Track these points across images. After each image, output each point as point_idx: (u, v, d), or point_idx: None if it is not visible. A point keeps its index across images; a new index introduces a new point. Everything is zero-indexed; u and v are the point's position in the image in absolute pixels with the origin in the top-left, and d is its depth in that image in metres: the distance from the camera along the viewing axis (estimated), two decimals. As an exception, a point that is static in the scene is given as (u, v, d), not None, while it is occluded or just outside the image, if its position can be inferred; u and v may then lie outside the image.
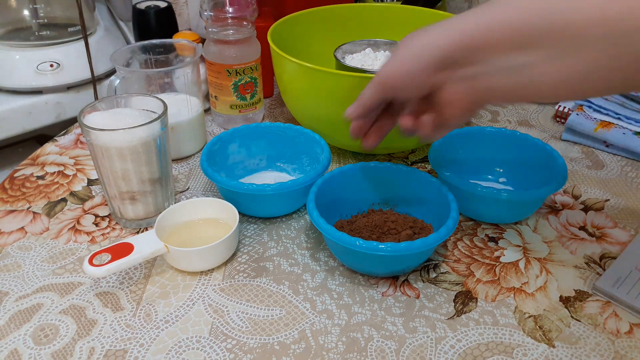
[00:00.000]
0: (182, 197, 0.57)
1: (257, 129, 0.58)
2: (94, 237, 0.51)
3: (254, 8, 0.64)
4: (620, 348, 0.40)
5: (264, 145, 0.59)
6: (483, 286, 0.45)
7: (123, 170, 0.48)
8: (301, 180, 0.50)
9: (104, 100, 0.51)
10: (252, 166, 0.59)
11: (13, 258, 0.48)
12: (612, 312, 0.43)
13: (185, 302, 0.44)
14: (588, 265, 0.47)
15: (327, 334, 0.41)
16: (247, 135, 0.58)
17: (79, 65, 0.92)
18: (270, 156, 0.60)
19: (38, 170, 0.61)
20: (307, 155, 0.58)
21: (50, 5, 0.99)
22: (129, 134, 0.46)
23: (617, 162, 0.62)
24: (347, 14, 0.73)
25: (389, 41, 0.68)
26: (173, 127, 0.60)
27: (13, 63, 0.91)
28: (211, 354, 0.39)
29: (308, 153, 0.57)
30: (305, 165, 0.58)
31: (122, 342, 0.40)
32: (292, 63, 0.55)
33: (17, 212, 0.55)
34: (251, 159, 0.59)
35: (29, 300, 0.44)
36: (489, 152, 0.57)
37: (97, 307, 0.43)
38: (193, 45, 0.62)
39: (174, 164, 0.62)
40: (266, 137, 0.58)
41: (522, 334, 0.41)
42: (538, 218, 0.53)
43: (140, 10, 0.74)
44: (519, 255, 0.48)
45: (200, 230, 0.49)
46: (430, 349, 0.40)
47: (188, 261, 0.46)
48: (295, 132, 0.58)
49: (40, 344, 0.40)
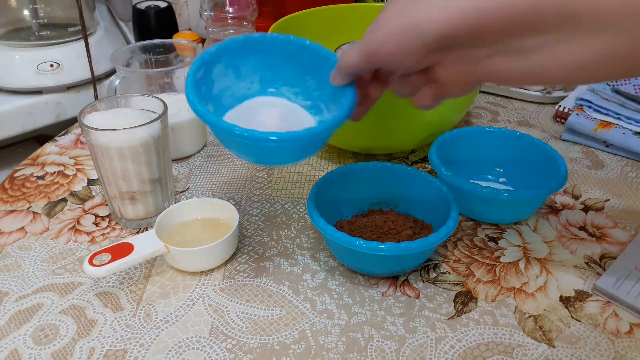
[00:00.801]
0: (182, 197, 0.57)
1: (246, 43, 0.45)
2: (94, 237, 0.51)
3: (254, 8, 0.64)
4: (620, 348, 0.40)
5: (256, 63, 0.46)
6: (483, 286, 0.45)
7: (123, 170, 0.48)
8: (324, 126, 0.39)
9: (104, 100, 0.51)
10: (241, 91, 0.47)
11: (13, 258, 0.48)
12: (612, 312, 0.43)
13: (185, 302, 0.44)
14: (588, 265, 0.47)
15: (327, 334, 0.41)
16: (234, 53, 0.45)
17: (79, 65, 0.93)
18: (264, 78, 0.47)
19: (38, 170, 0.61)
20: (313, 77, 0.46)
21: (50, 5, 0.99)
22: (129, 134, 0.46)
23: (617, 162, 0.62)
24: (347, 14, 0.73)
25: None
26: (173, 127, 0.60)
27: (13, 63, 0.91)
28: (211, 354, 0.39)
29: (315, 73, 0.45)
30: (312, 90, 0.46)
31: (122, 342, 0.40)
32: (292, 63, 0.55)
33: (17, 212, 0.55)
34: (240, 82, 0.46)
35: (29, 300, 0.44)
36: (489, 152, 0.57)
37: (97, 307, 0.43)
38: (193, 45, 0.62)
39: (174, 164, 0.62)
40: (258, 53, 0.46)
41: (522, 334, 0.41)
42: (538, 218, 0.53)
43: (140, 10, 0.74)
44: (519, 255, 0.48)
45: (200, 230, 0.49)
46: (430, 349, 0.40)
47: (188, 261, 0.46)
48: (296, 47, 0.45)
49: (40, 344, 0.40)
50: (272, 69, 0.47)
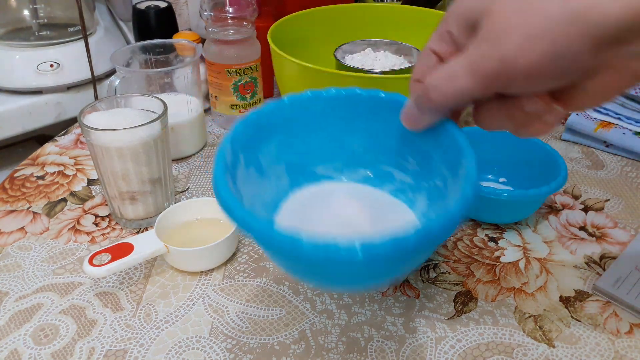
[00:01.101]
0: (182, 197, 0.57)
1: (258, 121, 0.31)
2: (94, 237, 0.51)
3: (254, 8, 0.64)
4: (620, 348, 0.40)
5: (277, 146, 0.32)
6: (483, 286, 0.45)
7: (123, 170, 0.48)
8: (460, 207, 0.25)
9: (104, 100, 0.51)
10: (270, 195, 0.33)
11: (13, 258, 0.48)
12: (612, 312, 0.43)
13: (185, 302, 0.44)
14: (588, 265, 0.47)
15: (327, 334, 0.41)
16: (248, 142, 0.31)
17: (79, 65, 0.93)
18: (292, 164, 0.33)
19: (38, 170, 0.61)
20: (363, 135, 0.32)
21: (50, 5, 0.99)
22: (129, 134, 0.46)
23: (617, 162, 0.62)
24: (347, 14, 0.73)
25: (389, 41, 0.68)
26: (173, 127, 0.60)
27: (13, 63, 0.91)
28: (211, 354, 0.39)
29: (365, 130, 0.32)
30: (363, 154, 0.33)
31: (122, 342, 0.40)
32: (292, 63, 0.55)
33: (17, 212, 0.55)
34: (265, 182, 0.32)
35: (29, 300, 0.44)
36: (489, 152, 0.57)
37: (97, 307, 0.43)
38: (193, 45, 0.62)
39: (174, 164, 0.62)
40: (274, 132, 0.32)
41: (522, 334, 0.41)
42: (538, 218, 0.53)
43: (140, 10, 0.74)
44: (519, 255, 0.48)
45: (200, 230, 0.49)
46: (430, 349, 0.40)
47: (188, 261, 0.46)
48: (330, 102, 0.32)
49: (40, 344, 0.40)
50: (297, 145, 0.33)
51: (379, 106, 0.31)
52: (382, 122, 0.31)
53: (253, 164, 0.31)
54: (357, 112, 0.32)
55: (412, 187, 0.32)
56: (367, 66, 0.62)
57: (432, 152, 0.30)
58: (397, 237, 0.22)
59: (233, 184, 0.28)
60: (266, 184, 0.32)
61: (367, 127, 0.32)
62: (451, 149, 0.28)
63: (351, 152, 0.33)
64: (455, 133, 0.28)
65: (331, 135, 0.33)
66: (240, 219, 0.25)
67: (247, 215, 0.25)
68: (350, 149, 0.33)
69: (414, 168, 0.32)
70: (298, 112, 0.32)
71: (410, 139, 0.30)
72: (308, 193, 0.33)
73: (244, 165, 0.30)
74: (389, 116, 0.30)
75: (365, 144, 0.33)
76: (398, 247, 0.22)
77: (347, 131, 0.32)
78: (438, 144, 0.29)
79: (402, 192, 0.32)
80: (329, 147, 0.33)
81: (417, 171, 0.32)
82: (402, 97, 0.30)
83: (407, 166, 0.32)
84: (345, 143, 0.33)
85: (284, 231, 0.23)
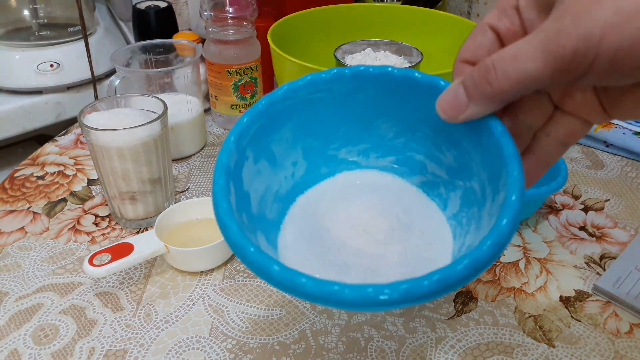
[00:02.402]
0: (182, 197, 0.57)
1: (270, 110, 0.28)
2: (94, 237, 0.51)
3: (254, 8, 0.64)
4: (620, 348, 0.40)
5: (292, 131, 0.29)
6: (483, 286, 0.45)
7: (123, 170, 0.48)
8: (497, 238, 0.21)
9: (104, 100, 0.51)
10: (285, 187, 0.30)
11: (13, 258, 0.48)
12: (612, 312, 0.43)
13: (185, 302, 0.44)
14: (588, 265, 0.47)
15: (327, 334, 0.41)
16: (259, 133, 0.28)
17: (79, 65, 0.93)
18: (310, 149, 0.30)
19: (38, 170, 0.61)
20: (389, 119, 0.29)
21: (50, 5, 0.99)
22: (129, 134, 0.46)
23: (617, 162, 0.62)
24: (347, 14, 0.73)
25: (389, 41, 0.68)
26: (173, 127, 0.60)
27: (13, 63, 0.91)
28: (211, 354, 0.39)
29: (392, 114, 0.29)
30: (391, 140, 0.30)
31: (122, 342, 0.40)
32: (292, 63, 0.55)
33: (17, 212, 0.55)
34: (279, 172, 0.30)
35: (29, 300, 0.44)
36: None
37: (97, 307, 0.43)
38: (193, 45, 0.62)
39: (174, 164, 0.62)
40: (292, 114, 0.29)
41: (522, 334, 0.41)
42: (538, 218, 0.53)
43: (140, 10, 0.74)
44: (519, 255, 0.48)
45: (200, 230, 0.49)
46: (430, 349, 0.40)
47: (188, 261, 0.46)
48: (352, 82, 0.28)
49: (40, 344, 0.40)
50: (316, 127, 0.29)
51: (413, 88, 0.27)
52: (416, 107, 0.27)
53: (264, 156, 0.28)
54: (387, 93, 0.28)
55: (446, 183, 0.28)
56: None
57: (471, 150, 0.26)
58: (411, 288, 0.20)
59: (240, 187, 0.26)
60: (280, 174, 0.29)
61: (399, 110, 0.28)
62: (492, 153, 0.24)
63: (379, 135, 0.29)
64: (501, 134, 0.24)
65: (356, 117, 0.29)
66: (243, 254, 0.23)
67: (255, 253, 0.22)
68: (378, 133, 0.29)
69: (449, 162, 0.28)
70: (318, 94, 0.28)
71: (448, 130, 0.26)
72: (326, 186, 0.30)
73: (252, 161, 0.28)
74: (424, 101, 0.26)
75: (395, 128, 0.29)
76: (413, 295, 0.20)
77: (376, 113, 0.29)
78: (478, 143, 0.25)
79: (434, 186, 0.29)
80: (354, 130, 0.29)
81: (453, 166, 0.28)
82: (441, 80, 0.26)
83: (442, 159, 0.28)
84: (372, 126, 0.29)
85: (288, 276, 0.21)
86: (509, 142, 0.23)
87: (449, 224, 0.28)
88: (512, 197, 0.22)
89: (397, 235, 0.28)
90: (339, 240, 0.28)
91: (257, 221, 0.27)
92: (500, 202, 0.23)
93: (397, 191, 0.30)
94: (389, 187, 0.30)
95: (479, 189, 0.26)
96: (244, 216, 0.26)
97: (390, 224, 0.28)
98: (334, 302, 0.20)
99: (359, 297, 0.20)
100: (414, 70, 0.27)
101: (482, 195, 0.26)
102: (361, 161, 0.31)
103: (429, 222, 0.28)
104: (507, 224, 0.21)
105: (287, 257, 0.27)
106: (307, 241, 0.27)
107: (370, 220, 0.28)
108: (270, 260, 0.22)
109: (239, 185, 0.26)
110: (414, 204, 0.29)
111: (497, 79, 0.22)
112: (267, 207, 0.29)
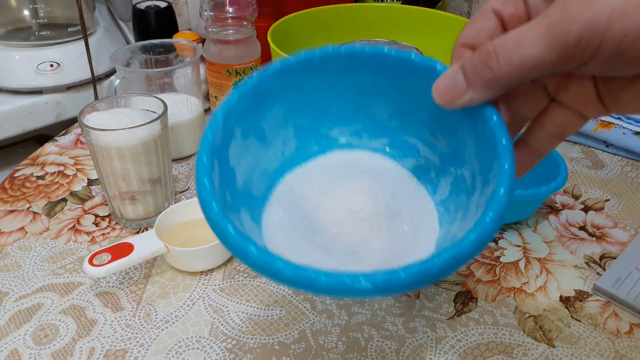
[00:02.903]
0: (182, 197, 0.57)
1: (260, 87, 0.27)
2: (94, 237, 0.51)
3: (254, 8, 0.64)
4: (620, 348, 0.40)
5: (284, 108, 0.29)
6: (483, 286, 0.45)
7: (123, 170, 0.48)
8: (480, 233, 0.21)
9: (104, 100, 0.51)
10: (273, 164, 0.30)
11: (13, 258, 0.48)
12: (612, 312, 0.43)
13: (185, 302, 0.44)
14: (588, 265, 0.47)
15: (327, 334, 0.41)
16: (248, 109, 0.27)
17: (79, 65, 0.92)
18: (301, 127, 0.30)
19: (38, 170, 0.61)
20: (382, 98, 0.29)
21: (50, 5, 0.99)
22: (129, 134, 0.46)
23: (617, 162, 0.62)
24: (347, 14, 0.73)
25: (389, 41, 0.68)
26: (173, 127, 0.60)
27: (13, 63, 0.91)
28: (211, 354, 0.39)
29: (387, 93, 0.28)
30: (386, 120, 0.29)
31: (122, 342, 0.40)
32: (292, 63, 0.55)
33: (17, 212, 0.55)
34: (269, 149, 0.29)
35: (29, 300, 0.44)
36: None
37: (97, 307, 0.43)
38: (193, 45, 0.62)
39: (174, 164, 0.62)
40: (285, 91, 0.28)
41: (522, 334, 0.41)
42: (538, 218, 0.53)
43: (140, 10, 0.74)
44: (519, 255, 0.48)
45: (200, 230, 0.49)
46: (430, 349, 0.40)
47: (188, 261, 0.46)
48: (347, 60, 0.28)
49: (40, 344, 0.40)
50: (309, 106, 0.29)
51: (409, 70, 0.26)
52: (412, 89, 0.26)
53: (253, 133, 0.28)
54: (383, 74, 0.27)
55: (437, 168, 0.28)
56: (367, 66, 0.62)
57: (465, 137, 0.26)
58: (388, 279, 0.20)
59: (224, 168, 0.26)
60: (269, 151, 0.29)
61: (394, 92, 0.28)
62: (486, 143, 0.23)
63: (373, 116, 0.29)
64: (496, 125, 0.23)
65: (350, 97, 0.28)
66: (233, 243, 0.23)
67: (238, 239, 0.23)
68: (371, 113, 0.29)
69: (442, 148, 0.27)
70: (311, 73, 0.27)
71: (444, 115, 0.26)
72: (316, 165, 0.30)
73: (241, 138, 0.27)
74: (420, 83, 0.25)
75: (390, 110, 0.28)
76: (389, 285, 0.20)
77: (371, 94, 0.28)
78: (473, 131, 0.25)
79: (425, 170, 0.28)
80: (347, 109, 0.29)
81: (445, 152, 0.27)
82: (439, 63, 0.25)
83: (436, 144, 0.28)
84: (366, 106, 0.29)
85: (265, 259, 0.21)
86: (503, 133, 0.23)
87: (436, 210, 0.28)
88: (500, 190, 0.21)
89: (384, 220, 0.27)
90: (325, 222, 0.27)
91: (242, 197, 0.27)
92: (488, 194, 0.22)
93: (387, 174, 0.29)
94: (380, 169, 0.30)
95: (470, 177, 0.26)
96: (227, 194, 0.25)
97: (377, 208, 0.28)
98: (310, 287, 0.20)
99: (334, 284, 0.20)
100: (410, 52, 0.26)
101: (472, 184, 0.26)
102: (353, 141, 0.30)
103: (417, 208, 0.28)
104: (491, 220, 0.21)
105: (271, 237, 0.27)
106: (292, 221, 0.27)
107: (358, 203, 0.28)
108: (248, 242, 0.22)
109: (224, 162, 0.26)
110: (404, 188, 0.29)
111: (499, 64, 0.21)
112: (254, 184, 0.28)
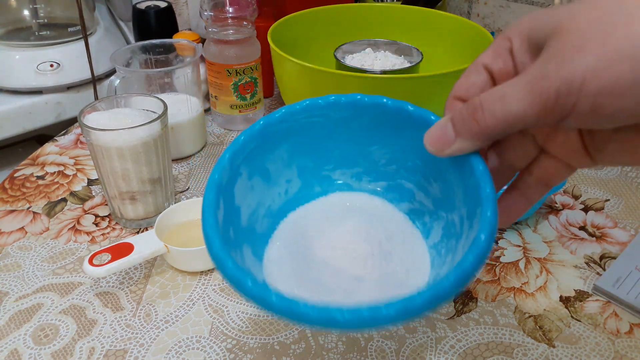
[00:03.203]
0: (182, 197, 0.57)
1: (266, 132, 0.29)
2: (94, 237, 0.51)
3: (254, 8, 0.64)
4: (620, 348, 0.40)
5: (288, 150, 0.31)
6: (483, 286, 0.45)
7: (123, 170, 0.48)
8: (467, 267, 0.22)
9: (104, 100, 0.51)
10: (277, 202, 0.32)
11: (13, 258, 0.48)
12: (612, 312, 0.43)
13: (185, 302, 0.44)
14: (588, 265, 0.47)
15: (327, 334, 0.41)
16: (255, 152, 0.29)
17: (79, 65, 0.92)
18: (304, 168, 0.32)
19: (38, 170, 0.61)
20: (381, 146, 0.31)
21: (50, 5, 0.99)
22: (129, 134, 0.46)
23: (617, 162, 0.62)
24: (347, 14, 0.73)
25: (389, 41, 0.68)
26: (173, 127, 0.60)
27: (13, 63, 0.91)
28: (211, 354, 0.39)
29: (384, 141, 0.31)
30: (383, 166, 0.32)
31: (122, 342, 0.40)
32: (292, 63, 0.55)
33: (17, 212, 0.55)
34: (272, 189, 0.31)
35: (29, 300, 0.44)
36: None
37: (97, 307, 0.43)
38: (193, 45, 0.62)
39: (174, 164, 0.62)
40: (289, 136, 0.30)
41: (522, 334, 0.41)
42: (538, 218, 0.53)
43: (140, 10, 0.74)
44: (519, 255, 0.48)
45: (200, 230, 0.49)
46: (430, 349, 0.40)
47: (188, 261, 0.46)
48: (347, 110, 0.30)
49: (40, 344, 0.40)
50: (312, 149, 0.31)
51: (405, 120, 0.28)
52: (408, 138, 0.28)
53: (258, 173, 0.30)
54: (381, 122, 0.29)
55: (431, 212, 0.30)
56: (367, 66, 0.62)
57: (454, 184, 0.27)
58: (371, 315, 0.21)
59: (229, 207, 0.27)
60: (274, 190, 0.31)
61: (392, 139, 0.30)
62: (471, 191, 0.25)
63: (372, 161, 0.31)
64: (481, 174, 0.25)
65: (351, 142, 0.31)
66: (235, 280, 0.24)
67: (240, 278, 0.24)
68: (371, 158, 0.31)
69: (435, 193, 0.29)
70: (315, 118, 0.30)
71: (436, 163, 0.28)
72: (318, 205, 0.32)
73: (246, 178, 0.29)
74: (415, 133, 0.27)
75: (388, 155, 0.31)
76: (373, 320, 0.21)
77: (370, 140, 0.30)
78: (461, 179, 0.26)
79: (420, 214, 0.30)
80: (348, 153, 0.31)
81: (438, 198, 0.29)
82: (431, 114, 0.27)
83: (429, 189, 0.30)
84: (366, 151, 0.31)
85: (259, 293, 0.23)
86: (487, 182, 0.24)
87: (429, 253, 0.29)
88: (481, 236, 0.23)
89: (377, 260, 0.29)
90: (322, 259, 0.29)
91: (245, 234, 0.29)
92: (471, 239, 0.24)
93: (384, 216, 0.31)
94: (377, 211, 0.32)
95: (459, 222, 0.27)
96: (231, 230, 0.27)
97: (372, 249, 0.29)
98: (301, 321, 0.22)
99: (320, 317, 0.22)
100: (407, 102, 0.28)
101: (460, 229, 0.27)
102: (354, 184, 0.32)
103: (410, 250, 0.30)
104: (471, 263, 0.22)
105: (270, 271, 0.29)
106: (291, 257, 0.28)
107: (353, 243, 0.30)
108: (245, 275, 0.23)
109: (229, 200, 0.28)
110: (398, 230, 0.30)
111: (484, 117, 0.22)
112: (258, 221, 0.30)
